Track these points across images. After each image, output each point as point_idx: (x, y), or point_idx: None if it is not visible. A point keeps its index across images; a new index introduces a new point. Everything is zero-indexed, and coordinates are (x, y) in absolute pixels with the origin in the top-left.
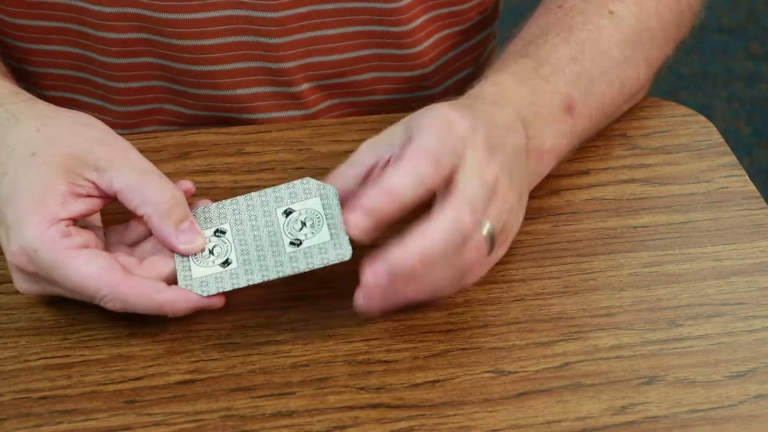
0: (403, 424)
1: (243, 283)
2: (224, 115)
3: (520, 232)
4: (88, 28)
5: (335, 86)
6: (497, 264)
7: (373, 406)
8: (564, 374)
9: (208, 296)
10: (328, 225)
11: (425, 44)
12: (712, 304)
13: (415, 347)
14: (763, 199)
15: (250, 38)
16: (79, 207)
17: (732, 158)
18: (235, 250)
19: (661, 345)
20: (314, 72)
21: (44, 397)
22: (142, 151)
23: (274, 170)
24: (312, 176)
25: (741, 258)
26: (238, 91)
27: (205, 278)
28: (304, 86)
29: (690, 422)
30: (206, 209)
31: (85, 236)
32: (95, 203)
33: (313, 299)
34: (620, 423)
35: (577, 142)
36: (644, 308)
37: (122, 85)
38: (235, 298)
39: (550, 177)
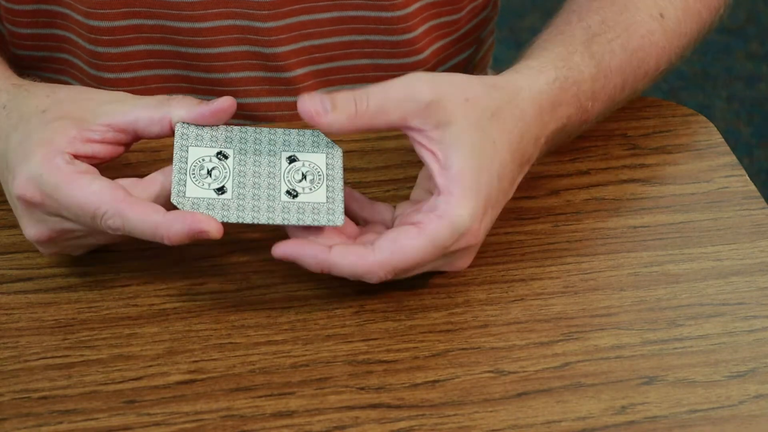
0: (403, 424)
1: (233, 219)
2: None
3: (520, 232)
4: (81, 17)
5: (327, 72)
6: (497, 264)
7: (373, 406)
8: (564, 374)
9: (204, 218)
10: (326, 186)
11: (418, 31)
12: (712, 304)
13: (415, 347)
14: (763, 199)
15: (243, 22)
16: (87, 149)
17: (732, 158)
18: (233, 180)
19: (661, 345)
20: (307, 57)
21: (44, 397)
22: (141, 150)
23: None
24: None
25: (741, 258)
26: (231, 75)
27: (197, 200)
28: (298, 72)
29: (690, 422)
30: (215, 128)
31: (89, 167)
32: (108, 149)
33: (313, 299)
34: (620, 423)
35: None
36: (644, 308)
37: (112, 76)
38: (235, 299)
39: (550, 177)
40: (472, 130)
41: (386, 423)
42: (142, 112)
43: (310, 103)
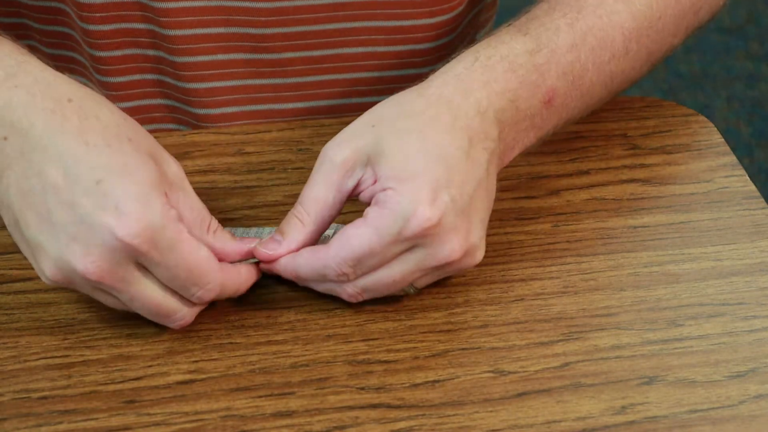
0: (403, 424)
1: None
2: (194, 86)
3: (520, 232)
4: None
5: (323, 59)
6: (497, 264)
7: (373, 406)
8: (564, 374)
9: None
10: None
11: (420, 21)
12: (712, 304)
13: (415, 347)
14: (763, 199)
15: (231, 3)
16: None
17: (732, 158)
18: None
19: (661, 345)
20: (300, 42)
21: (44, 397)
22: None
23: (274, 170)
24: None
25: (741, 258)
26: (219, 56)
27: None
28: (288, 54)
29: (690, 422)
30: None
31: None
32: None
33: (313, 299)
34: (620, 423)
35: (547, 134)
36: (644, 308)
37: (104, 54)
38: (235, 299)
39: (550, 177)
40: (391, 139)
41: (386, 423)
42: (187, 212)
43: (263, 248)
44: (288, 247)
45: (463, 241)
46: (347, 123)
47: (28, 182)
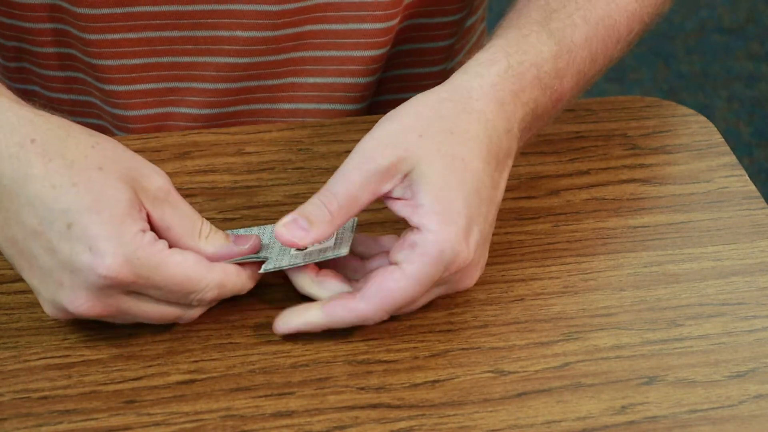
0: (403, 424)
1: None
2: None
3: (520, 232)
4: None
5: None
6: (497, 264)
7: (373, 406)
8: (564, 374)
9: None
10: (335, 235)
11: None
12: (712, 304)
13: (415, 347)
14: (763, 199)
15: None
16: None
17: (732, 158)
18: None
19: (661, 345)
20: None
21: (44, 397)
22: (142, 151)
23: (274, 170)
24: (311, 176)
25: (741, 258)
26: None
27: None
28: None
29: (690, 422)
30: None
31: (162, 241)
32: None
33: (313, 299)
34: (620, 423)
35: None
36: (644, 308)
37: (94, 37)
38: (235, 299)
39: (550, 177)
40: (436, 161)
41: (386, 423)
42: (176, 223)
43: (288, 234)
44: (314, 238)
45: (481, 270)
46: (347, 123)
47: (11, 230)
